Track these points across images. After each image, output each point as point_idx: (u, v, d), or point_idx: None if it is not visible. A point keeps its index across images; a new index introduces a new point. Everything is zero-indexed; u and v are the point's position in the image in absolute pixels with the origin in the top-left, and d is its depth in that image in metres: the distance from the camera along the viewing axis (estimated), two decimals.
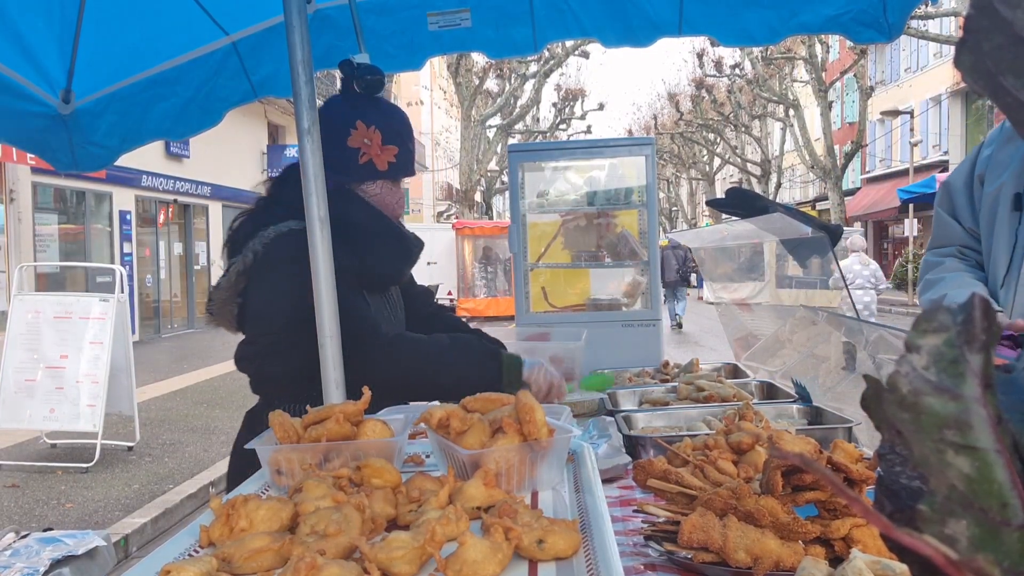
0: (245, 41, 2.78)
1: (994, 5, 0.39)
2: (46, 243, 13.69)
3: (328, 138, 1.95)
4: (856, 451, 1.34)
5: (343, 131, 1.98)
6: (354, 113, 2.00)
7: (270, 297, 1.93)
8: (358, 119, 1.98)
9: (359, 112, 1.99)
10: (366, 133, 1.98)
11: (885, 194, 29.84)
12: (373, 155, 1.99)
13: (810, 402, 2.15)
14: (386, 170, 2.01)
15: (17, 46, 2.47)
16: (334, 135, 1.98)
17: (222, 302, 1.99)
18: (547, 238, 4.35)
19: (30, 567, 2.04)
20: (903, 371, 0.41)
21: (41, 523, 5.16)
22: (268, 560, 0.98)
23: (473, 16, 2.70)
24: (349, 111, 2.00)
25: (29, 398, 6.59)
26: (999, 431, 0.39)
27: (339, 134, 1.98)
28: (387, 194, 2.06)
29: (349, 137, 1.98)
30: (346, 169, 2.00)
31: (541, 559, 0.98)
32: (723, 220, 4.30)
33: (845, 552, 1.11)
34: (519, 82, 25.81)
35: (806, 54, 25.34)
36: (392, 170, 2.03)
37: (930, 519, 0.39)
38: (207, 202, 18.65)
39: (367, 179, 2.03)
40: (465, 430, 1.28)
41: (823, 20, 2.62)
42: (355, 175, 2.01)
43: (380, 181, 2.04)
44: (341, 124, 1.99)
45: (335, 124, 1.99)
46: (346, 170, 2.00)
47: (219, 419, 8.44)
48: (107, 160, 2.95)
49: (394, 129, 2.02)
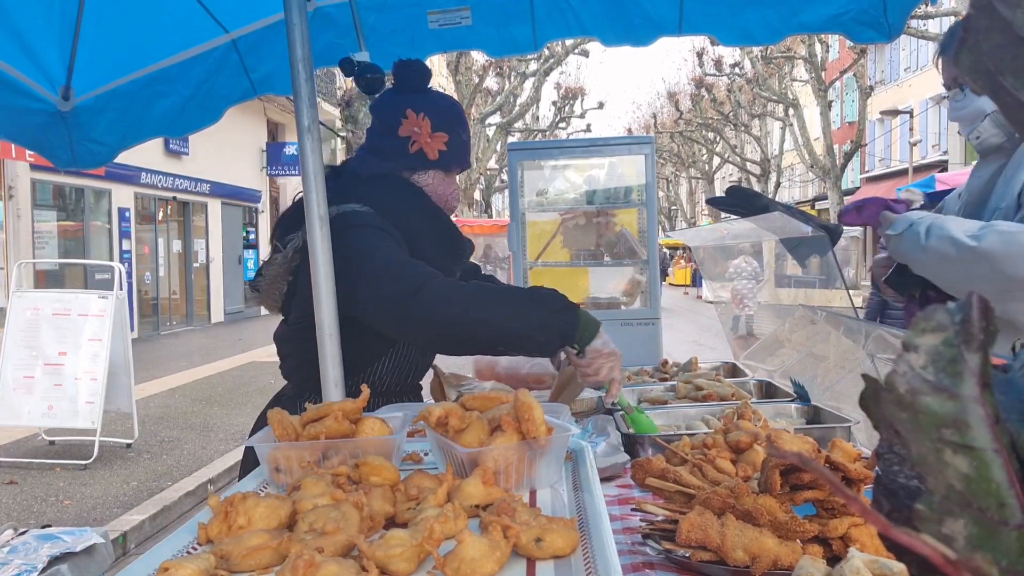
0: (245, 39, 2.78)
1: (994, 5, 0.39)
2: (45, 240, 13.67)
3: (380, 128, 1.97)
4: (854, 450, 1.35)
5: (394, 120, 1.98)
6: (404, 102, 1.99)
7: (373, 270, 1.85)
8: (408, 107, 1.97)
9: (409, 101, 1.98)
10: (416, 121, 1.96)
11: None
12: (423, 143, 1.97)
13: (808, 401, 2.16)
14: (437, 159, 1.99)
15: (17, 43, 2.47)
16: (386, 124, 1.99)
17: (273, 278, 1.95)
18: (546, 237, 4.35)
19: (28, 564, 2.04)
20: (901, 370, 0.41)
21: (39, 520, 5.16)
22: (266, 558, 0.98)
23: (473, 14, 2.70)
24: (400, 100, 2.00)
25: (28, 395, 6.59)
26: (997, 430, 0.39)
27: (391, 123, 1.98)
28: (439, 185, 2.03)
29: (400, 126, 1.97)
30: (396, 157, 1.98)
31: (539, 557, 0.98)
32: (722, 219, 4.30)
33: (843, 551, 1.11)
34: (519, 80, 25.79)
35: (806, 53, 25.33)
36: (443, 159, 2.00)
37: (928, 518, 0.39)
38: (206, 199, 18.64)
39: (418, 168, 2.00)
40: (464, 428, 1.28)
41: (823, 20, 2.62)
42: (405, 163, 1.98)
43: (432, 171, 2.02)
44: (392, 113, 1.99)
45: (387, 114, 2.00)
46: (396, 158, 1.98)
47: (217, 416, 8.44)
48: (106, 157, 2.95)
49: (444, 117, 2.01)
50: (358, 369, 1.93)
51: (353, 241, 1.83)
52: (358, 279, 1.80)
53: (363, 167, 2.00)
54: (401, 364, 2.01)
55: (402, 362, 2.01)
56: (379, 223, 1.87)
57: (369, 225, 1.85)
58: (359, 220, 1.86)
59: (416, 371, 2.09)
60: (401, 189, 1.98)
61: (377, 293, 1.77)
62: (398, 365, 2.01)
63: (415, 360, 2.05)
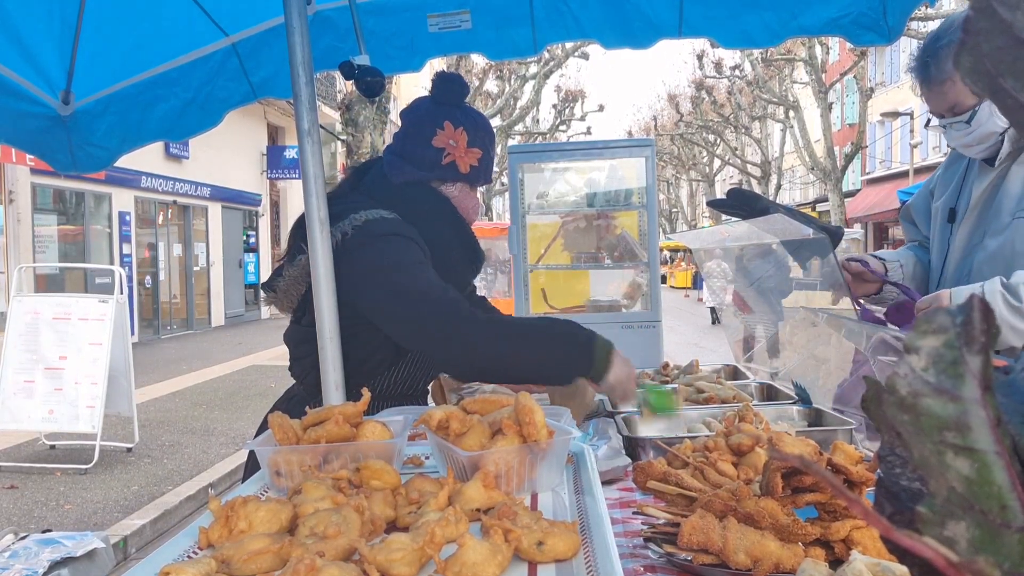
0: (245, 42, 2.78)
1: (994, 7, 0.39)
2: (45, 244, 13.68)
3: (414, 135, 1.98)
4: (856, 453, 1.34)
5: (429, 130, 1.98)
6: (442, 113, 2.00)
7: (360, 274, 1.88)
8: (446, 119, 1.98)
9: (447, 113, 2.00)
10: (453, 134, 1.98)
11: (885, 196, 29.84)
12: (457, 156, 1.99)
13: (810, 404, 2.15)
14: (467, 173, 2.01)
15: (17, 47, 2.47)
16: (420, 132, 1.99)
17: (293, 280, 1.96)
18: (547, 239, 4.35)
19: (29, 568, 2.04)
20: (902, 373, 0.41)
21: (40, 524, 5.16)
22: (267, 562, 0.98)
23: (473, 18, 2.70)
24: (438, 111, 2.01)
25: (28, 399, 6.59)
26: (998, 433, 0.39)
27: (425, 132, 1.99)
28: (465, 197, 2.05)
29: (435, 136, 1.98)
30: (428, 167, 1.99)
31: (541, 561, 0.98)
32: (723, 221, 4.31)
33: (845, 554, 1.11)
34: (519, 83, 25.80)
35: (806, 55, 25.34)
36: (473, 174, 2.02)
37: (930, 521, 0.39)
38: (206, 203, 18.65)
39: (448, 179, 2.01)
40: (465, 432, 1.28)
41: (823, 22, 2.63)
42: (436, 173, 1.99)
43: (460, 184, 2.03)
44: (428, 123, 1.99)
45: (422, 122, 2.00)
46: (428, 167, 1.99)
47: (218, 420, 8.44)
48: (106, 161, 2.95)
49: (480, 133, 2.03)
50: (374, 374, 1.95)
51: (381, 251, 1.84)
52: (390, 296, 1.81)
53: (394, 172, 2.01)
54: (415, 370, 2.03)
55: (416, 368, 2.03)
56: (407, 232, 1.87)
57: (398, 235, 1.85)
58: (387, 228, 1.86)
59: (428, 377, 2.12)
60: (431, 198, 1.99)
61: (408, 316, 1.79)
62: (412, 371, 2.03)
63: (428, 367, 2.07)
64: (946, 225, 2.31)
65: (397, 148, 2.03)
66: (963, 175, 2.30)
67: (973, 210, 2.21)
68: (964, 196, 2.26)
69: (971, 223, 2.22)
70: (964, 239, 2.23)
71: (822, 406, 2.12)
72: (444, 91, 2.02)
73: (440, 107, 2.01)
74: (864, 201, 32.72)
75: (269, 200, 22.00)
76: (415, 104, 2.08)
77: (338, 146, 21.55)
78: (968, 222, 2.22)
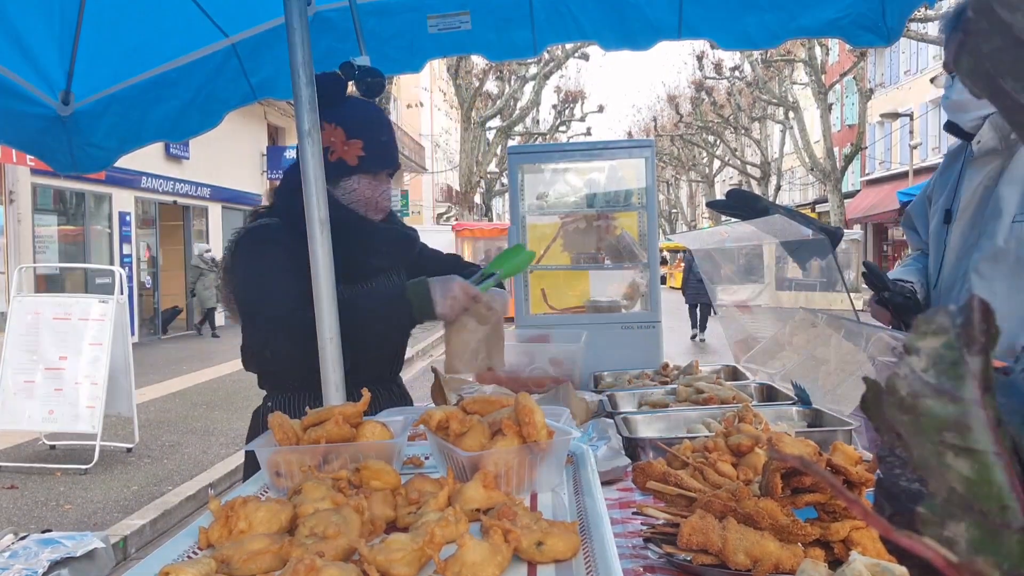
0: (245, 43, 2.78)
1: (993, 7, 0.39)
2: (46, 244, 13.68)
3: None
4: (855, 453, 1.34)
5: None
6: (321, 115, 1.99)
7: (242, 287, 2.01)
8: (324, 120, 1.98)
9: (324, 113, 1.99)
10: (331, 132, 2.01)
11: (885, 196, 29.85)
12: (340, 152, 2.02)
13: (809, 404, 2.15)
14: (356, 164, 2.03)
15: (16, 47, 2.47)
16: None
17: (225, 299, 2.08)
18: (547, 240, 4.35)
19: (29, 569, 2.04)
20: (902, 373, 0.41)
21: (40, 524, 5.16)
22: (267, 562, 0.98)
23: (473, 19, 2.70)
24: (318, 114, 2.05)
25: (28, 399, 6.59)
26: (998, 433, 0.39)
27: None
28: (367, 188, 2.06)
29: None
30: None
31: (540, 561, 0.98)
32: (723, 222, 4.33)
33: (844, 554, 1.11)
34: (519, 84, 25.82)
35: (806, 56, 25.37)
36: (364, 163, 2.04)
37: (930, 521, 0.39)
38: (207, 203, 18.65)
39: (342, 176, 2.04)
40: (464, 432, 1.28)
41: (822, 24, 2.63)
42: (330, 173, 1.97)
43: (356, 176, 2.05)
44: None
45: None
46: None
47: (218, 421, 8.44)
48: (106, 161, 2.95)
49: (357, 122, 2.04)
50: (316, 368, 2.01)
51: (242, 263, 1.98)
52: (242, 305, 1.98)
53: (287, 180, 2.07)
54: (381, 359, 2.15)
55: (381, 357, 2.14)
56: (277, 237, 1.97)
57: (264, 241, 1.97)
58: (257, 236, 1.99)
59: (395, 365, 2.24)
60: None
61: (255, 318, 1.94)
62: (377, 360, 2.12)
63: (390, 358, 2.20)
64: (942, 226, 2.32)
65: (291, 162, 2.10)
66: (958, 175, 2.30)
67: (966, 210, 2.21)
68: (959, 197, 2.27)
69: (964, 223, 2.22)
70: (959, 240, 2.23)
71: (821, 406, 2.12)
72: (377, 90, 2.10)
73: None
74: (864, 202, 32.72)
75: (269, 201, 21.99)
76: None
77: None
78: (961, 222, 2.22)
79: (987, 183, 2.16)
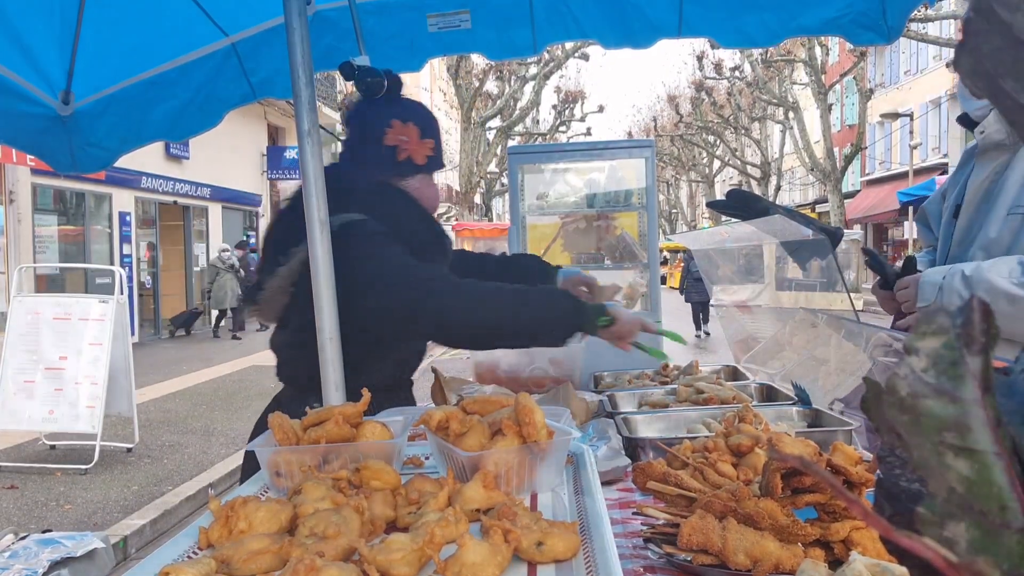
0: (245, 42, 2.78)
1: (993, 8, 0.39)
2: (46, 244, 13.68)
3: (364, 138, 2.03)
4: (855, 454, 1.34)
5: (378, 130, 2.03)
6: (387, 112, 2.05)
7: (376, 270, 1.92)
8: (392, 118, 2.03)
9: (391, 111, 2.05)
10: (403, 130, 2.03)
11: (885, 196, 29.85)
12: (412, 150, 2.04)
13: (809, 404, 2.15)
14: (424, 164, 2.07)
15: (17, 47, 2.47)
16: (370, 135, 2.04)
17: (274, 291, 1.99)
18: (547, 240, 4.35)
19: (29, 568, 2.04)
20: (902, 374, 0.41)
21: (40, 525, 5.16)
22: (267, 562, 0.98)
23: (473, 18, 2.70)
24: (382, 111, 2.06)
25: (28, 399, 6.59)
26: (998, 433, 0.39)
27: (375, 133, 2.03)
28: (425, 187, 2.10)
29: (385, 136, 2.03)
30: (387, 166, 2.04)
31: (540, 561, 0.98)
32: (723, 222, 4.32)
33: (844, 555, 1.11)
34: (519, 84, 25.81)
35: (806, 56, 25.36)
36: (430, 163, 2.09)
37: (930, 521, 0.39)
38: (207, 203, 18.64)
39: (407, 174, 2.06)
40: (464, 432, 1.28)
41: (822, 22, 2.62)
42: (395, 170, 2.04)
43: (420, 175, 2.08)
44: (375, 123, 2.04)
45: (370, 125, 2.05)
46: (387, 166, 2.04)
47: (218, 421, 8.44)
48: (106, 161, 2.95)
49: (428, 123, 2.09)
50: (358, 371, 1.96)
51: (360, 250, 1.88)
52: (368, 287, 1.85)
53: (356, 177, 2.04)
54: (400, 362, 2.12)
55: (401, 360, 2.12)
56: (381, 228, 1.92)
57: (374, 232, 1.90)
58: (362, 229, 1.91)
59: (411, 367, 2.21)
60: (395, 198, 2.03)
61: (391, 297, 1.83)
62: (397, 363, 2.11)
63: (412, 358, 2.17)
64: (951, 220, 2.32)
65: (351, 154, 2.08)
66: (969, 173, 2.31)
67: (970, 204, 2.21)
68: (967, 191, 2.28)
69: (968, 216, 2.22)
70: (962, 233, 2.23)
71: (821, 407, 2.12)
72: (376, 90, 2.07)
73: (380, 106, 2.07)
74: (864, 202, 32.72)
75: (269, 200, 21.99)
76: (355, 109, 2.13)
77: (338, 146, 21.54)
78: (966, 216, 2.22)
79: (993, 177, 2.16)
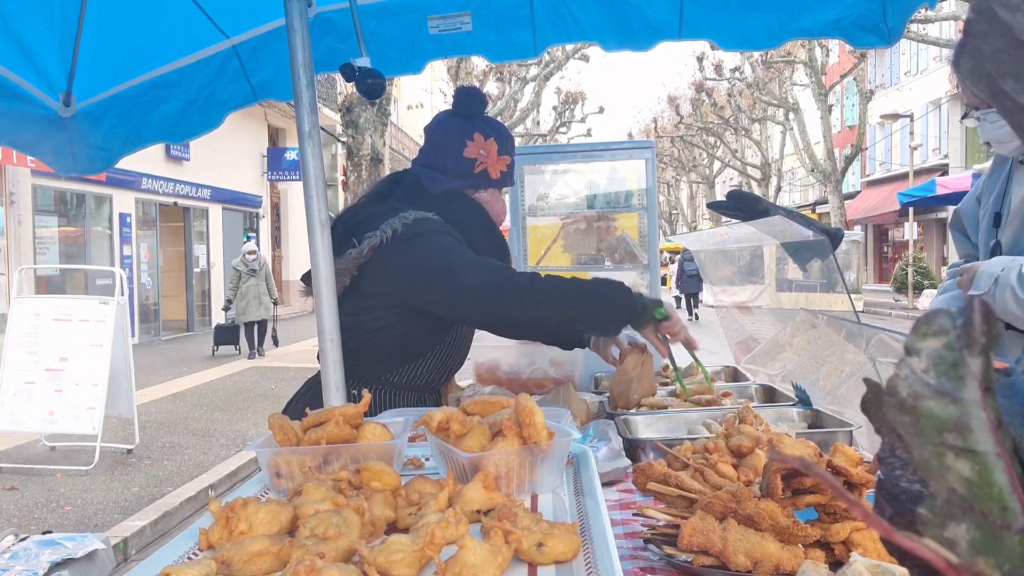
0: (246, 44, 2.78)
1: (994, 8, 0.39)
2: (46, 246, 13.69)
3: (444, 148, 2.14)
4: (856, 455, 1.34)
5: (459, 142, 2.14)
6: (469, 125, 2.15)
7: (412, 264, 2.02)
8: (475, 131, 2.14)
9: (475, 125, 2.15)
10: (483, 144, 2.14)
11: (885, 197, 29.85)
12: (489, 164, 2.15)
13: (810, 405, 2.15)
14: (498, 179, 2.18)
15: (18, 48, 2.47)
16: (450, 145, 2.15)
17: (339, 272, 2.05)
18: (547, 241, 4.35)
19: (29, 570, 2.04)
20: (903, 374, 0.41)
21: (40, 526, 5.15)
22: (267, 563, 0.98)
23: (473, 20, 2.70)
24: (465, 124, 2.16)
25: (28, 400, 6.59)
26: (999, 434, 0.39)
27: (455, 144, 2.15)
28: (495, 201, 2.23)
29: (465, 148, 2.13)
30: (463, 176, 2.15)
31: (541, 562, 0.98)
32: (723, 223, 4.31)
33: (845, 556, 1.11)
34: (519, 85, 25.83)
35: (806, 57, 25.37)
36: (503, 179, 2.20)
37: (930, 523, 0.39)
38: (207, 205, 18.64)
39: (481, 187, 2.18)
40: (465, 433, 1.28)
41: (823, 24, 2.62)
42: (470, 181, 2.16)
43: (491, 189, 2.20)
44: (458, 135, 2.15)
45: (451, 135, 2.16)
46: (463, 177, 2.16)
47: (218, 422, 8.44)
48: (107, 163, 2.95)
49: (507, 142, 2.21)
50: (400, 364, 2.07)
51: (433, 241, 1.99)
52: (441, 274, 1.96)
53: (431, 184, 2.15)
54: (442, 361, 2.16)
55: (444, 359, 2.16)
56: (450, 230, 2.04)
57: (446, 232, 2.02)
58: (434, 226, 2.02)
59: (453, 369, 2.24)
60: (468, 206, 2.16)
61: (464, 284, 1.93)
62: (439, 362, 2.15)
63: (455, 357, 2.21)
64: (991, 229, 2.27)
65: (429, 161, 2.18)
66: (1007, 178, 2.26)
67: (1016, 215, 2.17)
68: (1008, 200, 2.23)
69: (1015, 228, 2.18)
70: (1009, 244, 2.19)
71: (822, 408, 2.12)
72: (467, 104, 2.18)
73: (465, 120, 2.17)
74: (864, 203, 32.72)
75: (270, 202, 22.00)
76: (439, 119, 2.24)
77: (339, 148, 21.56)
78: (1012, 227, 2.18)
79: None
